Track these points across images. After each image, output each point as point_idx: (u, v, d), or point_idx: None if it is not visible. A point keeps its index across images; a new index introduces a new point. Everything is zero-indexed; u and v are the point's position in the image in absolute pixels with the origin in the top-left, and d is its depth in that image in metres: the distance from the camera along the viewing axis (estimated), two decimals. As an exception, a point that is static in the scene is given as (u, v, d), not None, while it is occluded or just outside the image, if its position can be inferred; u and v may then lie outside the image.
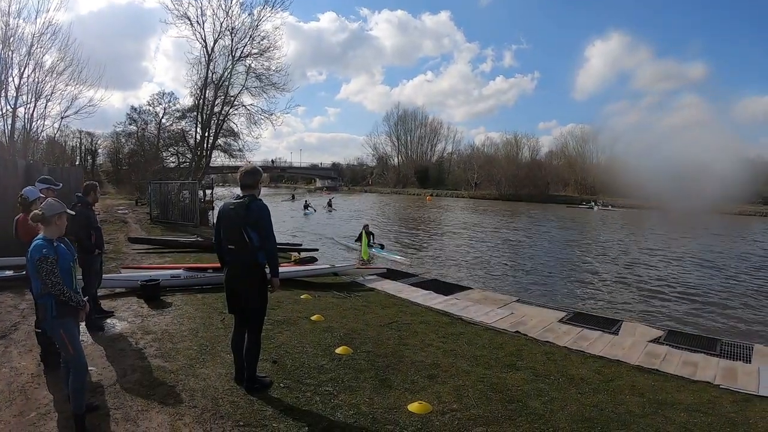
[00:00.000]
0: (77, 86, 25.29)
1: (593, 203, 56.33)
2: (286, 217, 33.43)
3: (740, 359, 6.20)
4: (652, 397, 4.79)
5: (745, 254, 21.37)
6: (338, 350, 5.50)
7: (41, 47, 23.18)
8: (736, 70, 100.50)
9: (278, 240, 5.39)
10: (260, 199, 4.29)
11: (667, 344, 6.66)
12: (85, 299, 3.74)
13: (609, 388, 4.95)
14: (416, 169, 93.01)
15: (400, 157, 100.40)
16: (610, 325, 7.53)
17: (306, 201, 41.70)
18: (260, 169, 4.48)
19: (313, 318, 6.77)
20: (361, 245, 14.86)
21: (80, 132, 49.32)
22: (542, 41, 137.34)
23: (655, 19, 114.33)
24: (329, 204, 43.39)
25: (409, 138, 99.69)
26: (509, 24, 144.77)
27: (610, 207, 53.42)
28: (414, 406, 4.18)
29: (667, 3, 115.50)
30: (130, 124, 39.10)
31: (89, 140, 53.48)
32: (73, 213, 4.06)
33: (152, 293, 7.46)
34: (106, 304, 6.94)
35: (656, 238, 27.12)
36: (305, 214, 37.45)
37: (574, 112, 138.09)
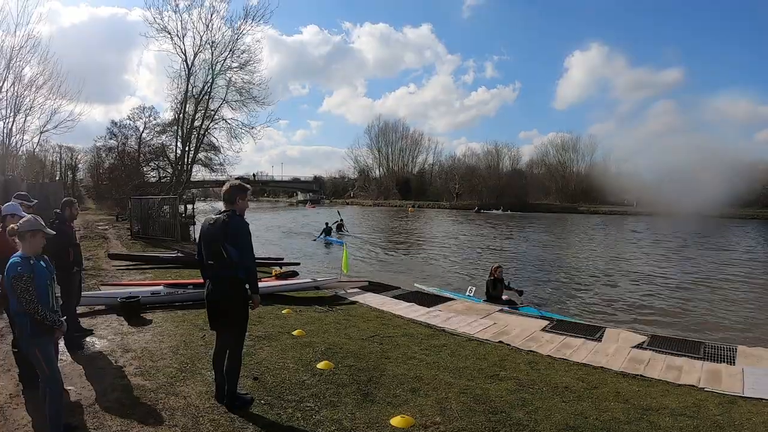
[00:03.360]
0: (57, 100, 25.10)
1: (478, 208, 67.22)
2: (292, 245, 25.41)
3: (724, 361, 6.26)
4: (636, 402, 4.81)
5: (724, 257, 21.67)
6: (320, 365, 5.44)
7: (21, 60, 22.95)
8: (713, 75, 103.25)
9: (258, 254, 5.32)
10: (240, 216, 4.25)
11: (650, 349, 6.71)
12: (62, 319, 3.68)
13: (593, 396, 4.97)
14: (398, 181, 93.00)
15: (381, 169, 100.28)
16: (593, 332, 7.57)
17: (327, 224, 27.60)
18: (246, 185, 4.43)
19: (295, 333, 6.70)
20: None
21: (60, 147, 48.62)
22: (523, 52, 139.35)
23: (633, 27, 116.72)
24: (339, 228, 29.15)
25: (390, 150, 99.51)
26: (490, 36, 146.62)
27: (493, 211, 65.56)
28: (396, 420, 4.14)
29: (645, 7, 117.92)
30: (111, 139, 38.63)
31: (69, 155, 52.77)
32: (53, 233, 3.97)
33: (132, 310, 7.32)
34: (85, 322, 6.79)
35: (608, 241, 27.43)
36: (326, 241, 25.83)
37: (555, 121, 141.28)
